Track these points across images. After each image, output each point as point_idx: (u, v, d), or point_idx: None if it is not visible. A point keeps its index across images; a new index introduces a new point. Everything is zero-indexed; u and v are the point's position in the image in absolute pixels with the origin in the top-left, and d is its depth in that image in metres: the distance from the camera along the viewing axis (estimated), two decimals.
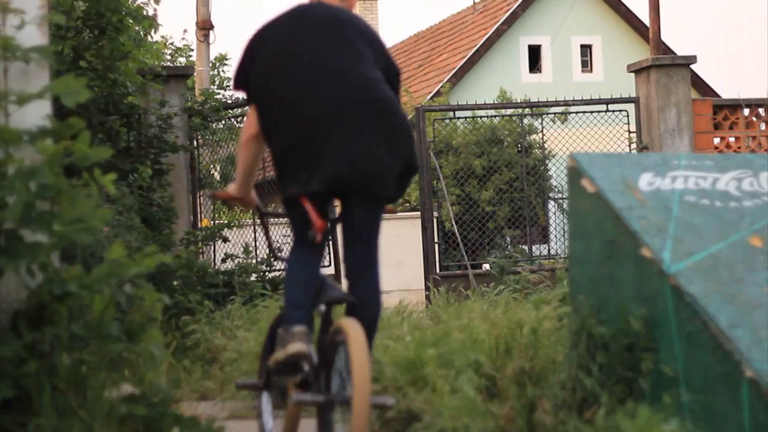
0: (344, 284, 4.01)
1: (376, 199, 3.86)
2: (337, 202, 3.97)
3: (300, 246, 3.93)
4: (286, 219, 4.04)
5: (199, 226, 10.46)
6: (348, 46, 3.87)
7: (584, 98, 11.22)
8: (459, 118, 11.84)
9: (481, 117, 12.90)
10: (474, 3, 26.88)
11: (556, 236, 11.87)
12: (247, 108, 11.13)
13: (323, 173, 3.73)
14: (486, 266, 11.00)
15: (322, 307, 3.85)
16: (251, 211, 5.07)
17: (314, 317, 3.83)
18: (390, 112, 3.82)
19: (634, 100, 11.00)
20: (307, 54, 3.85)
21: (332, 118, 3.76)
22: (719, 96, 21.91)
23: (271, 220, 10.51)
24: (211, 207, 11.98)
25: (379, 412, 4.42)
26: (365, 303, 3.84)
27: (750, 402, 3.06)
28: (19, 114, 2.97)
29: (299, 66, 3.84)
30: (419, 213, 10.89)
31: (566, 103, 11.20)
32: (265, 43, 3.93)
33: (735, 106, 10.98)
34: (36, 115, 3.01)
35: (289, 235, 9.78)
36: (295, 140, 3.79)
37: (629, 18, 24.58)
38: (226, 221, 10.10)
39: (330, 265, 9.87)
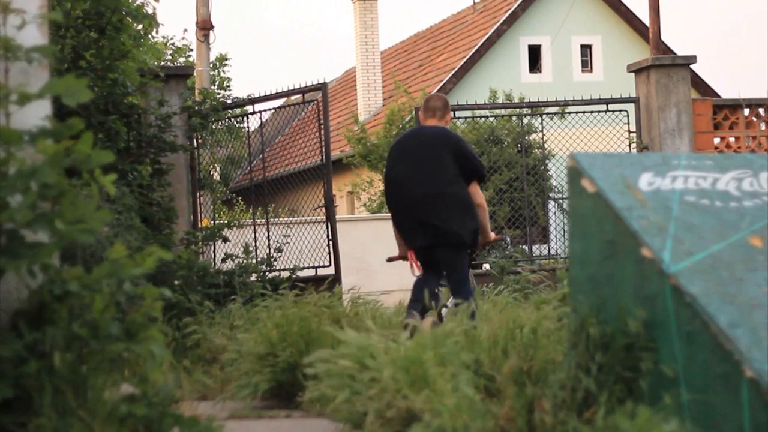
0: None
1: (446, 246, 6.53)
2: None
3: (423, 271, 6.72)
4: (285, 220, 5.13)
5: (199, 226, 10.46)
6: (431, 156, 6.52)
7: (584, 98, 11.22)
8: (459, 118, 11.84)
9: (480, 117, 12.89)
10: (474, 3, 26.88)
11: (556, 236, 11.87)
12: (246, 107, 11.19)
13: (412, 237, 6.62)
14: (486, 266, 11.00)
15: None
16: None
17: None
18: (443, 204, 6.48)
19: (634, 100, 10.99)
20: (408, 160, 6.61)
21: (414, 204, 6.51)
22: (719, 96, 21.92)
23: (271, 220, 10.54)
24: (211, 207, 11.97)
25: (378, 413, 4.47)
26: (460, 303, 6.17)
27: (750, 402, 3.06)
28: (20, 114, 2.95)
29: (402, 168, 6.62)
30: None
31: (566, 103, 11.20)
32: (392, 152, 6.81)
33: (735, 106, 10.98)
34: (36, 115, 2.99)
35: (288, 235, 9.89)
36: (401, 215, 6.64)
37: (629, 18, 24.58)
38: (226, 221, 10.10)
39: (330, 265, 9.92)
